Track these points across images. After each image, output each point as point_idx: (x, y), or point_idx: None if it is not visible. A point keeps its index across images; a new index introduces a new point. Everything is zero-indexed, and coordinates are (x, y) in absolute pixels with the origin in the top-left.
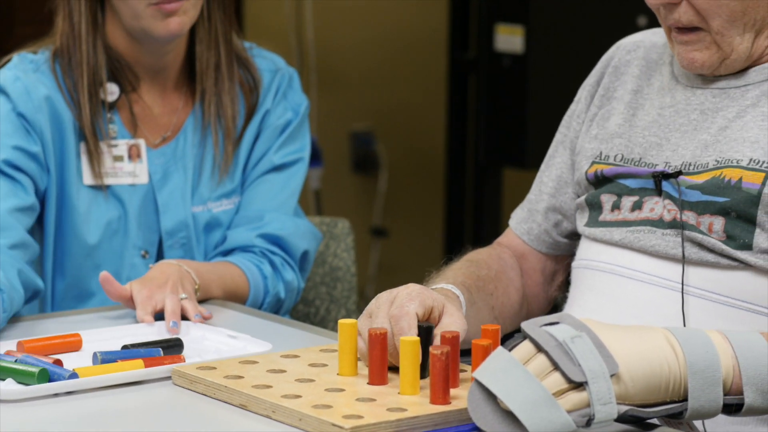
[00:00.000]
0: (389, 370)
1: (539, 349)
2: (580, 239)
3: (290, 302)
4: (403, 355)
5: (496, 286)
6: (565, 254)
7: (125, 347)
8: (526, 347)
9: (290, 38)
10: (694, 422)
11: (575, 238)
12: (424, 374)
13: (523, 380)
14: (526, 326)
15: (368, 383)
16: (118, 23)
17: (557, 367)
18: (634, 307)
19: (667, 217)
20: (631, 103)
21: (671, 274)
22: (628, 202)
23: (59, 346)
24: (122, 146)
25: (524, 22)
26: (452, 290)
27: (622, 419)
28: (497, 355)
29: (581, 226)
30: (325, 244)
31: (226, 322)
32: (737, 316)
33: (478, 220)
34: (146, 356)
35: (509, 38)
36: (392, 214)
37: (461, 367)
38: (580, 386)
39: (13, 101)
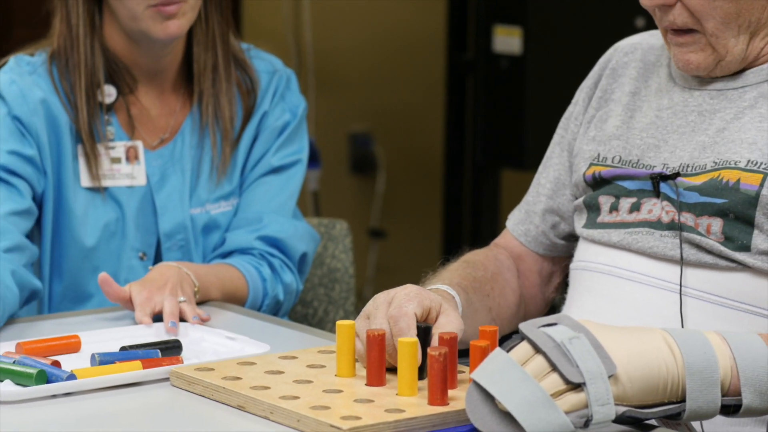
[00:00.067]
0: (387, 371)
1: (537, 350)
2: (577, 241)
3: (289, 304)
4: (401, 356)
5: (492, 287)
6: (562, 256)
7: (123, 349)
8: (524, 348)
9: (288, 39)
10: (692, 423)
11: (573, 239)
12: (422, 375)
13: (520, 381)
14: (524, 327)
15: (366, 384)
16: (115, 25)
17: (555, 368)
18: (632, 308)
19: (665, 218)
20: (628, 105)
21: (669, 275)
22: (626, 203)
23: (57, 347)
24: (120, 148)
25: (522, 23)
26: (448, 291)
27: (620, 420)
28: (495, 356)
29: (579, 227)
30: (323, 245)
31: (224, 323)
32: (735, 317)
33: (476, 221)
34: (144, 358)
35: (507, 39)
36: (390, 215)
37: (459, 368)
38: (578, 387)
39: (8, 105)
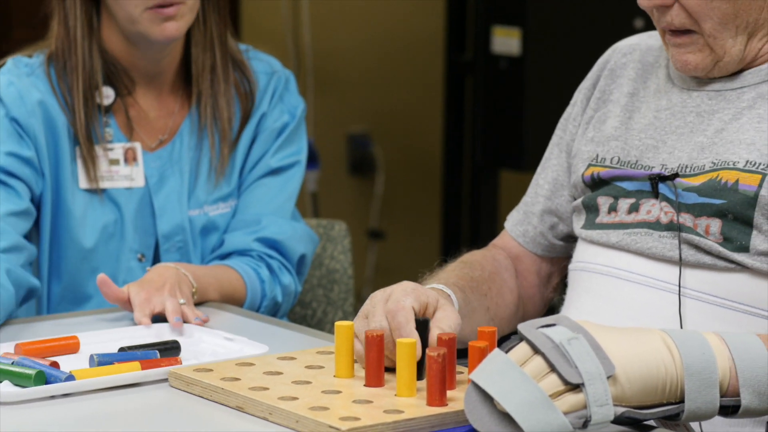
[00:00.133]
0: (386, 371)
1: (536, 350)
2: (576, 241)
3: (287, 306)
4: (399, 357)
5: (489, 286)
6: (560, 256)
7: (122, 349)
8: (522, 349)
9: (287, 40)
10: (690, 424)
11: (571, 240)
12: (421, 370)
13: (519, 382)
14: (522, 328)
15: (365, 385)
16: (114, 27)
17: (554, 368)
18: (631, 309)
19: (663, 219)
20: (627, 105)
21: (668, 276)
22: (624, 204)
23: (56, 348)
24: (118, 150)
25: (521, 24)
26: (444, 290)
27: (618, 421)
28: (494, 356)
29: (578, 228)
30: (322, 246)
31: (222, 324)
32: (734, 318)
33: (474, 222)
34: (143, 358)
35: (506, 40)
36: (389, 216)
37: (458, 369)
38: (576, 388)
39: (6, 106)
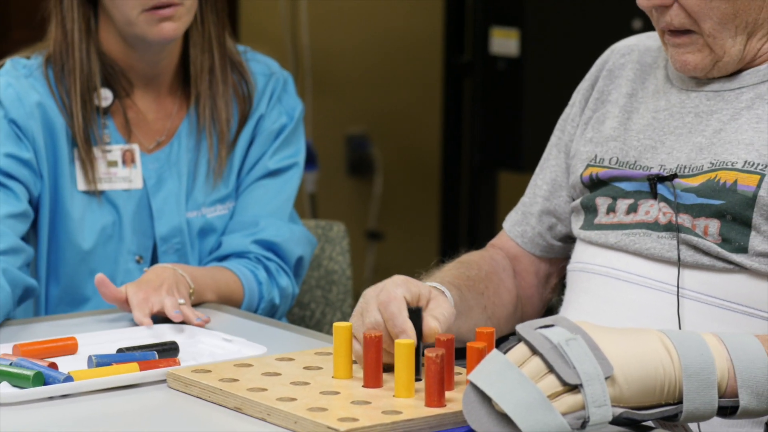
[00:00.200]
0: (384, 372)
1: (534, 351)
2: (574, 242)
3: (285, 308)
4: (398, 357)
5: (486, 285)
6: (559, 257)
7: (120, 350)
8: (520, 350)
9: (285, 41)
10: (689, 425)
11: (569, 241)
12: (417, 360)
13: (517, 383)
14: (520, 329)
15: (363, 386)
16: (111, 29)
17: (552, 369)
18: (629, 310)
19: (662, 220)
20: (625, 106)
21: (667, 277)
22: (623, 205)
23: (54, 349)
24: (116, 151)
25: (519, 25)
26: (438, 287)
27: (616, 422)
28: (492, 357)
29: (576, 228)
30: (320, 247)
31: (220, 325)
32: (733, 319)
33: (473, 223)
34: (141, 359)
35: (504, 41)
36: (387, 217)
37: (456, 369)
38: (574, 389)
39: (4, 108)
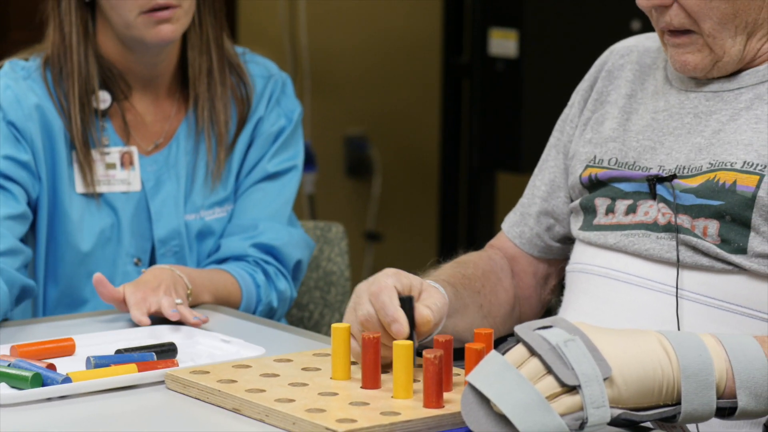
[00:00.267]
0: (383, 373)
1: (532, 352)
2: (573, 243)
3: (282, 311)
4: (396, 358)
5: (483, 284)
6: (557, 258)
7: (118, 352)
8: (519, 351)
9: (284, 43)
10: (687, 426)
11: (568, 242)
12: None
13: (516, 384)
14: (519, 330)
15: (361, 387)
16: (109, 32)
17: (550, 370)
18: (628, 310)
19: (661, 220)
20: (625, 107)
21: (666, 277)
22: (622, 205)
23: (52, 350)
24: (114, 154)
25: (518, 26)
26: (432, 284)
27: (615, 423)
28: (490, 358)
29: (576, 229)
30: (319, 248)
31: (219, 326)
32: (731, 320)
33: (472, 224)
34: (139, 361)
35: (503, 42)
36: (386, 218)
37: (455, 370)
38: (573, 390)
39: (3, 110)
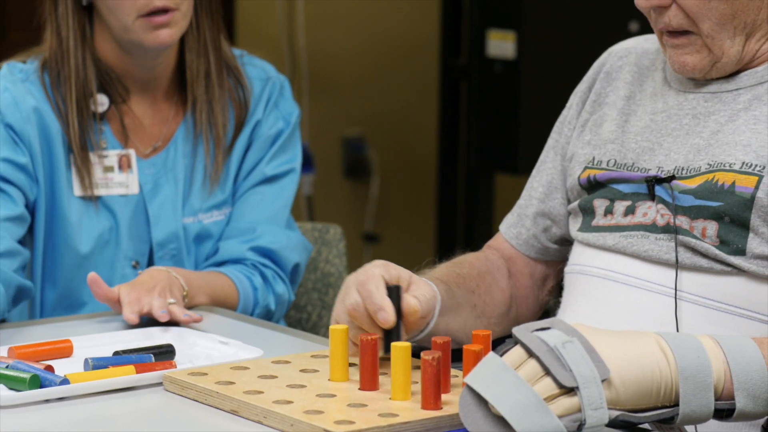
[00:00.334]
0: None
1: (530, 354)
2: (570, 245)
3: (280, 314)
4: (394, 360)
5: (478, 284)
6: (555, 260)
7: (116, 353)
8: (517, 352)
9: (282, 44)
10: (685, 427)
11: (566, 243)
12: (398, 336)
13: (514, 385)
14: (517, 331)
15: (360, 389)
16: (107, 35)
17: (548, 372)
18: (627, 312)
19: (660, 221)
20: (623, 109)
21: (664, 279)
22: (620, 206)
23: (50, 352)
24: (113, 157)
25: (516, 27)
26: (425, 281)
27: (613, 424)
28: (488, 360)
29: (574, 231)
30: (317, 249)
31: (217, 328)
32: (730, 321)
33: (470, 225)
34: (137, 362)
35: (501, 44)
36: (384, 219)
37: (453, 372)
38: (571, 391)
39: (1, 112)
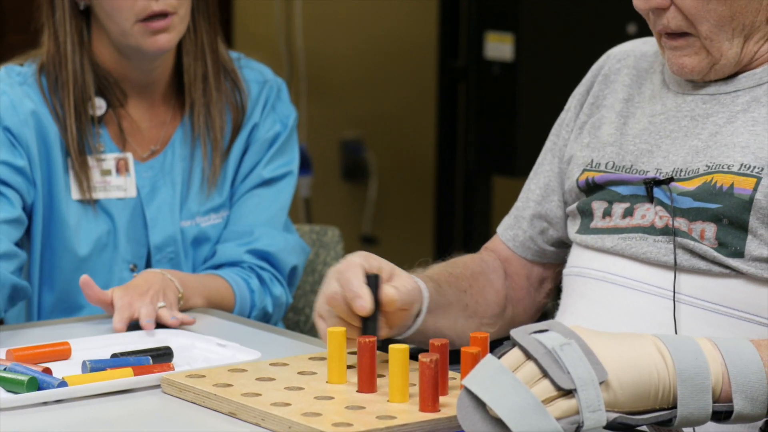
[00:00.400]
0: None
1: (528, 356)
2: (568, 248)
3: (278, 317)
4: (392, 362)
5: (470, 284)
6: (553, 262)
7: (114, 355)
8: (515, 354)
9: (280, 46)
10: (683, 429)
11: (563, 246)
12: (375, 326)
13: (512, 387)
14: (515, 334)
15: (357, 391)
16: (105, 40)
17: (546, 374)
18: (625, 314)
19: (658, 223)
20: (622, 111)
21: (663, 281)
22: (619, 209)
23: (48, 354)
24: (110, 160)
25: (514, 29)
26: (413, 278)
27: (611, 426)
28: (486, 362)
29: (573, 233)
30: (314, 252)
31: (214, 330)
32: (728, 324)
33: (467, 227)
34: (135, 364)
35: (499, 46)
36: (382, 221)
37: (450, 374)
38: (569, 393)
39: None
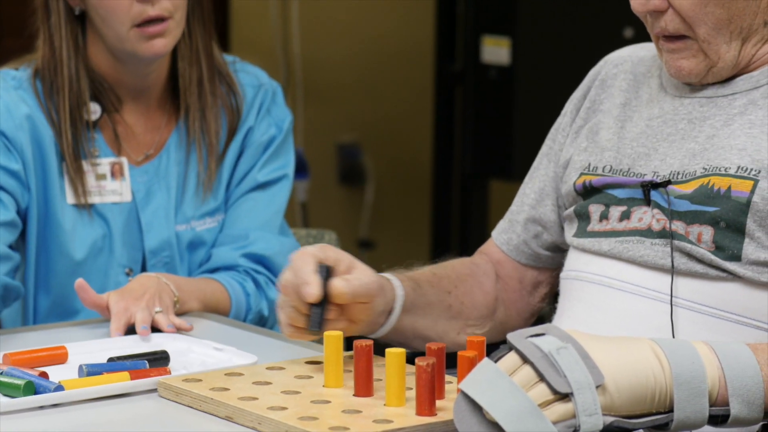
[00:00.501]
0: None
1: (525, 360)
2: (563, 252)
3: (274, 320)
4: (388, 365)
5: (456, 285)
6: (547, 266)
7: (111, 360)
8: (511, 358)
9: (277, 50)
10: None
11: (558, 251)
12: (321, 315)
13: (508, 391)
14: (511, 337)
15: (354, 395)
16: (100, 45)
17: (543, 378)
18: (622, 318)
19: (655, 226)
20: (619, 116)
21: (660, 285)
22: (616, 212)
23: (45, 358)
24: (105, 165)
25: (511, 33)
26: (388, 277)
27: (607, 430)
28: (483, 366)
29: (570, 236)
30: None
31: (211, 334)
32: (725, 327)
33: (464, 231)
34: (132, 369)
35: (496, 50)
36: (379, 225)
37: (447, 378)
38: (565, 397)
39: None
